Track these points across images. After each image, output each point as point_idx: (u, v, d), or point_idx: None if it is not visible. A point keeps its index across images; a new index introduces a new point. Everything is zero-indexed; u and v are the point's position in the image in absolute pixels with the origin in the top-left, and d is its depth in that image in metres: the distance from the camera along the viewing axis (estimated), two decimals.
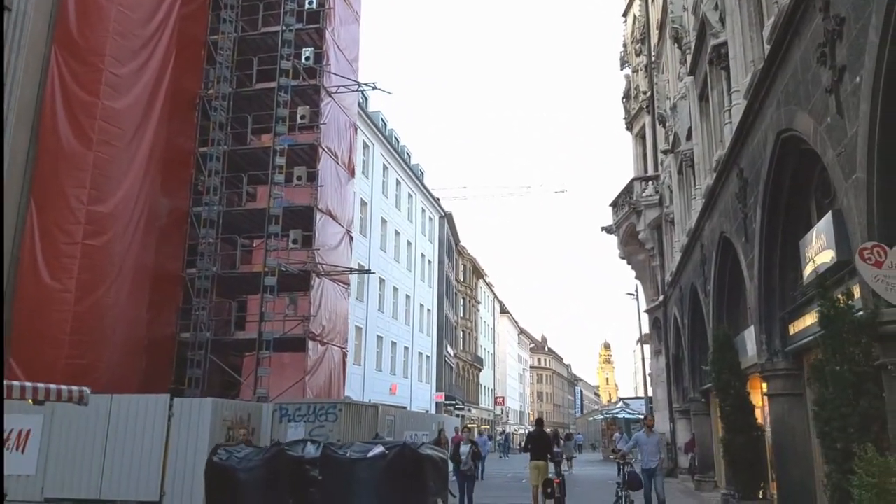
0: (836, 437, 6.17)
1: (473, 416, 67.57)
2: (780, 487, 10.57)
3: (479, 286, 72.07)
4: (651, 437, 13.13)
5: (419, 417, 25.28)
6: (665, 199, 23.06)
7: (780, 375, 10.69)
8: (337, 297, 22.88)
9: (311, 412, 17.01)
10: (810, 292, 9.65)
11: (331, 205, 22.54)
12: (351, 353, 34.58)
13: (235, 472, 8.33)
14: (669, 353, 25.34)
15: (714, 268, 14.82)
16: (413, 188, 46.35)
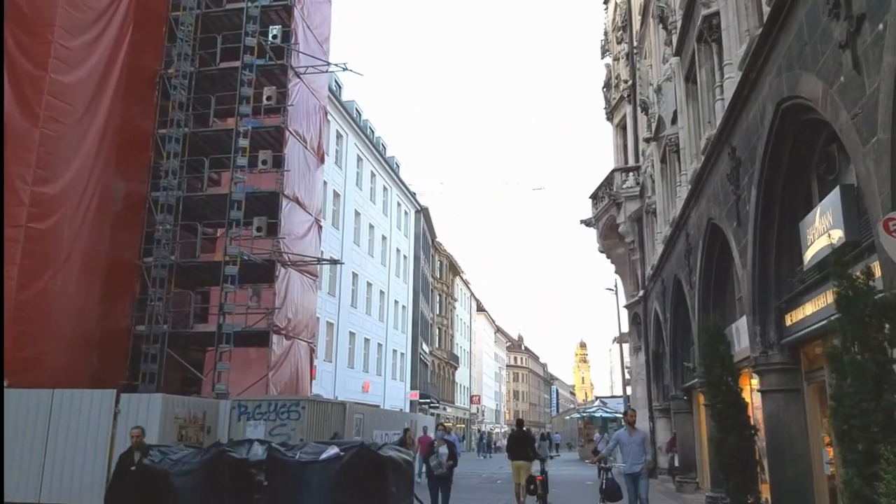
0: (857, 436, 5.30)
1: (449, 414, 66.59)
2: (774, 490, 9.75)
3: (456, 283, 71.16)
4: (634, 436, 11.00)
5: (391, 416, 24.29)
6: (647, 189, 22.29)
7: (775, 370, 9.87)
8: (304, 290, 21.77)
9: (272, 410, 15.96)
10: (810, 278, 8.84)
11: (298, 191, 21.42)
12: (322, 350, 33.50)
13: (168, 477, 7.27)
14: (649, 349, 24.59)
15: (701, 257, 14.01)
16: (388, 181, 45.25)
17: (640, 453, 10.81)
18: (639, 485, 10.69)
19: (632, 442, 10.93)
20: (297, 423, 15.70)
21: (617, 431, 12.49)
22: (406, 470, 8.24)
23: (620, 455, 11.28)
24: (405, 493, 8.17)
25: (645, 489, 10.78)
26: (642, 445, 10.90)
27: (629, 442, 10.95)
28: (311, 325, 22.47)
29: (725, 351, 9.97)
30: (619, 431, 11.93)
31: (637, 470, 10.69)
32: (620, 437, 11.25)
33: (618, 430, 12.75)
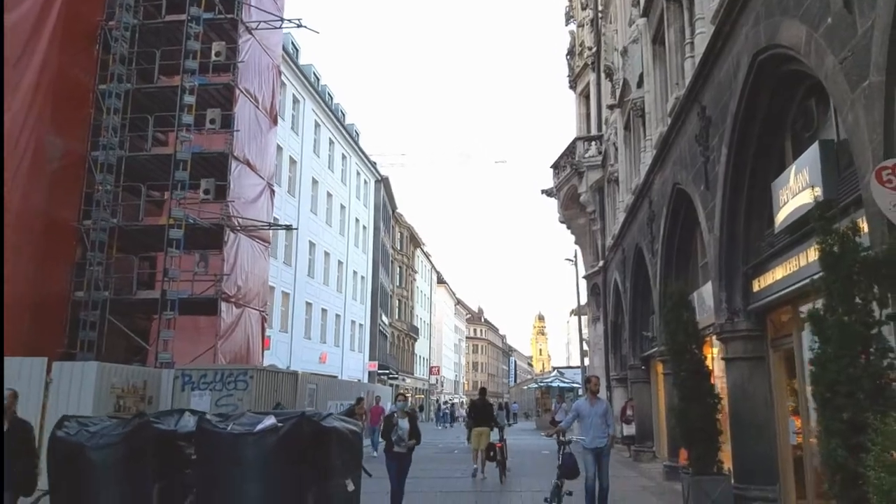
0: (843, 404, 4.86)
1: (408, 385, 66.34)
2: (736, 460, 9.46)
3: (417, 255, 70.52)
4: (596, 406, 9.59)
5: (347, 386, 23.69)
6: (609, 157, 21.87)
7: (740, 337, 9.52)
8: (255, 256, 20.86)
9: (218, 379, 15.20)
10: (781, 241, 8.44)
11: (249, 153, 20.40)
12: (277, 320, 32.63)
13: (84, 451, 6.52)
14: (608, 319, 24.43)
15: (664, 224, 13.62)
16: (347, 149, 44.10)
17: (603, 426, 9.48)
18: (601, 462, 9.39)
19: (593, 413, 9.51)
20: (245, 394, 14.99)
21: (577, 401, 10.74)
22: (353, 442, 7.61)
23: (579, 428, 9.95)
24: (352, 465, 7.55)
25: (607, 468, 9.47)
26: (605, 417, 9.56)
27: (590, 413, 9.53)
28: (262, 293, 21.61)
29: (690, 318, 9.59)
30: (578, 401, 10.46)
31: (600, 445, 9.39)
32: (580, 408, 9.78)
33: (577, 399, 10.91)
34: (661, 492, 12.35)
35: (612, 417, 10.20)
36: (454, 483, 14.08)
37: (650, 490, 12.60)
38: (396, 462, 9.63)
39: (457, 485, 13.82)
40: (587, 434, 9.50)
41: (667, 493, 11.99)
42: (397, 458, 9.62)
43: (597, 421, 9.48)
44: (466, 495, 12.29)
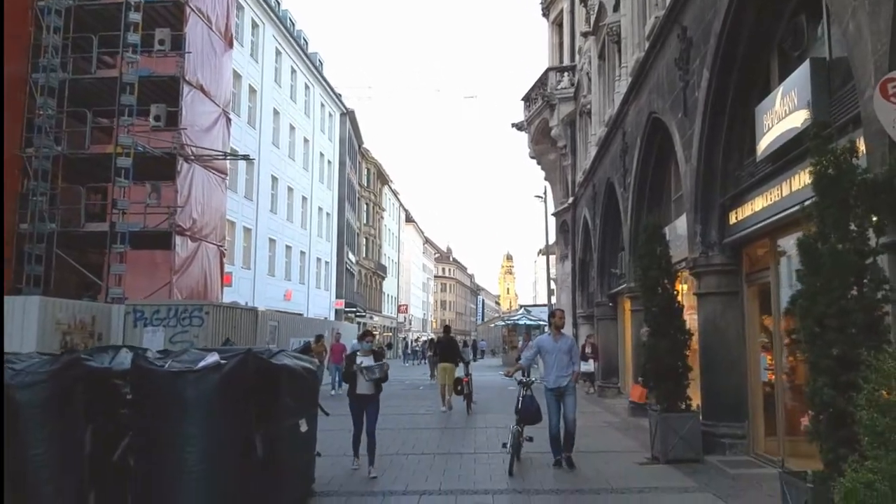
0: (833, 339, 4.47)
1: (376, 323, 66.37)
2: (706, 397, 9.25)
3: (384, 192, 69.46)
4: (560, 342, 8.69)
5: (310, 323, 23.25)
6: (583, 87, 21.13)
7: (714, 271, 9.17)
8: (211, 188, 19.97)
9: (172, 315, 14.63)
10: (762, 170, 7.99)
11: (202, 78, 19.25)
12: (239, 256, 31.82)
13: (8, 390, 5.90)
14: (576, 257, 24.17)
15: (638, 155, 13.11)
16: (311, 79, 42.43)
17: (568, 364, 8.58)
18: (565, 403, 8.49)
19: (557, 350, 8.60)
20: (201, 330, 14.47)
21: (539, 337, 9.60)
22: (307, 380, 7.11)
23: (542, 365, 9.16)
24: (306, 404, 7.08)
25: (572, 408, 8.53)
26: (570, 354, 8.68)
27: (554, 349, 8.63)
28: (220, 226, 20.81)
29: (664, 252, 9.19)
30: (541, 337, 9.36)
31: (563, 384, 8.49)
32: (543, 344, 8.84)
33: (542, 335, 9.76)
34: (625, 427, 12.23)
35: (577, 354, 9.28)
36: (420, 419, 13.85)
37: (615, 426, 12.49)
38: (361, 404, 8.55)
39: (422, 421, 13.59)
40: (549, 373, 8.66)
41: (632, 429, 11.87)
42: (362, 401, 8.52)
43: (561, 358, 8.58)
44: (431, 432, 12.04)
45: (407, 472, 8.60)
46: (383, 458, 9.51)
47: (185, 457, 5.86)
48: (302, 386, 6.92)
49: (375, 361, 8.57)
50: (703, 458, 8.61)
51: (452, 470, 8.66)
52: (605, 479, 7.95)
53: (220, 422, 5.91)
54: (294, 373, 6.76)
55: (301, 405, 6.88)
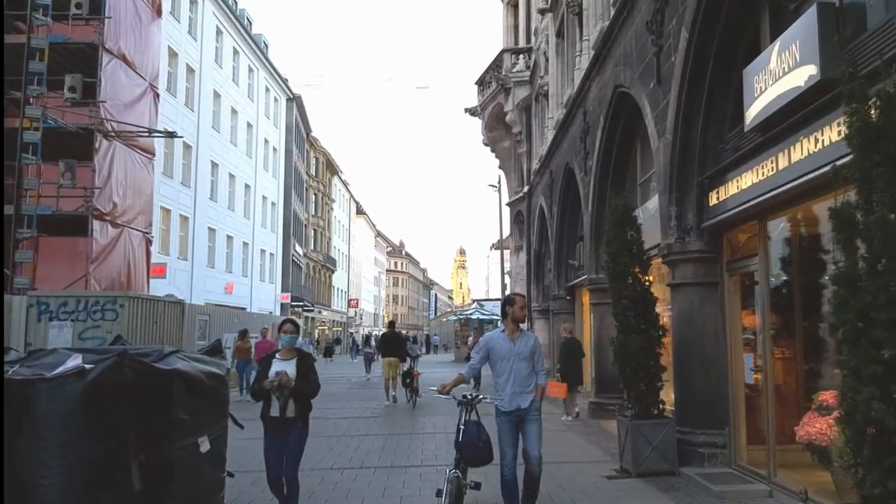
0: (882, 338, 3.38)
1: (325, 318, 64.60)
2: (680, 400, 8.22)
3: (334, 183, 67.56)
4: (519, 343, 5.85)
5: (247, 318, 21.62)
6: (540, 67, 20.06)
7: (691, 259, 8.13)
8: (135, 169, 18.19)
9: (82, 308, 13.00)
10: (750, 142, 6.95)
11: (125, 47, 17.46)
12: (175, 246, 29.87)
13: None
14: (531, 248, 23.18)
15: (601, 135, 12.06)
16: (255, 61, 40.42)
17: (529, 375, 5.79)
18: (526, 432, 5.78)
19: (514, 354, 5.78)
20: (115, 325, 12.89)
21: (489, 334, 6.24)
22: (211, 387, 5.77)
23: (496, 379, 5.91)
24: (209, 418, 5.75)
25: (536, 441, 5.77)
26: (532, 360, 5.83)
27: (509, 354, 5.79)
28: (146, 211, 19.03)
29: (635, 237, 8.12)
30: (490, 334, 6.20)
31: (523, 405, 5.72)
32: (493, 345, 5.91)
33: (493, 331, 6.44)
34: (586, 431, 11.18)
35: (543, 358, 6.09)
36: (362, 424, 12.55)
37: (575, 429, 11.42)
38: (275, 436, 5.80)
39: (364, 426, 12.29)
40: (503, 388, 5.77)
41: (594, 433, 10.82)
42: (276, 430, 5.75)
43: (520, 367, 5.75)
44: (374, 440, 10.76)
45: (339, 494, 7.33)
46: (314, 472, 8.23)
47: (36, 494, 4.47)
48: (204, 395, 5.55)
49: (300, 366, 5.76)
50: (678, 471, 7.58)
51: (394, 490, 7.42)
52: (570, 499, 6.82)
53: (83, 444, 4.53)
54: (191, 379, 5.39)
55: (201, 420, 5.51)
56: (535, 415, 5.81)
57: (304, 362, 5.93)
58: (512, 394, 5.77)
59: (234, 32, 36.55)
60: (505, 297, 5.87)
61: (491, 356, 5.92)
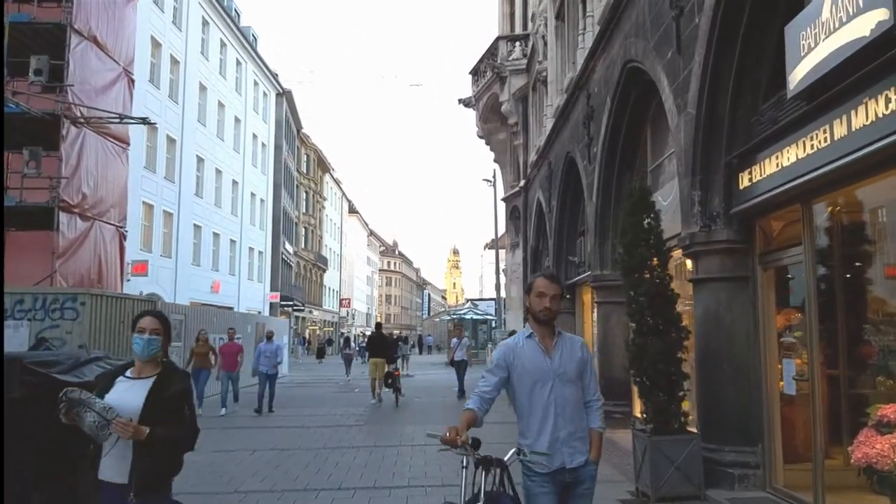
0: None
1: (316, 318, 63.45)
2: (704, 413, 7.18)
3: (325, 181, 66.40)
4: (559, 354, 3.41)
5: (229, 318, 20.48)
6: (538, 52, 18.99)
7: (717, 251, 7.08)
8: (108, 158, 17.06)
9: (40, 307, 11.92)
10: (792, 112, 5.92)
11: (97, 29, 16.34)
12: (158, 243, 28.70)
13: None
14: (528, 245, 22.13)
15: (608, 118, 11.02)
16: (243, 54, 39.24)
17: (578, 409, 3.43)
18: None
19: (551, 374, 3.38)
20: (76, 325, 11.80)
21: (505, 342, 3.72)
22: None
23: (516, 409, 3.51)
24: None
25: None
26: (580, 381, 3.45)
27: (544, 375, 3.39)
28: (120, 204, 17.89)
29: (653, 225, 7.10)
30: (508, 341, 3.66)
31: (574, 463, 3.34)
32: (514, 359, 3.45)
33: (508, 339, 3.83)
34: None
35: (596, 376, 3.66)
36: (344, 434, 11.49)
37: None
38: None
39: (347, 436, 11.23)
40: (536, 431, 3.38)
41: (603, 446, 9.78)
42: None
43: (563, 395, 3.39)
44: (356, 453, 9.70)
45: None
46: (285, 495, 7.17)
47: None
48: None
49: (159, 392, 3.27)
50: (704, 494, 6.54)
51: None
52: None
53: None
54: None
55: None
56: (589, 484, 3.43)
57: (167, 384, 3.31)
58: (552, 442, 3.30)
59: (220, 24, 35.39)
60: (527, 285, 3.56)
61: (513, 378, 3.42)
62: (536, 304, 3.45)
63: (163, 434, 3.14)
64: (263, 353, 14.82)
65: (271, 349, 14.94)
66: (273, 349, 14.98)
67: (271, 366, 14.60)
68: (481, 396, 3.42)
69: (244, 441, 10.72)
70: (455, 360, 18.21)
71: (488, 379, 3.47)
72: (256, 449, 9.95)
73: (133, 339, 3.40)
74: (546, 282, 3.47)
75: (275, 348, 15.08)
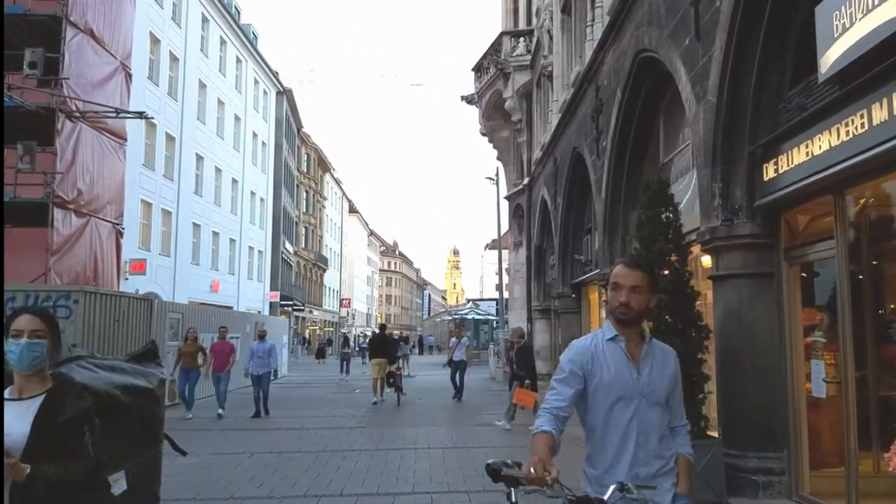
0: None
1: (316, 317, 63.11)
2: (725, 418, 6.83)
3: (326, 180, 66.05)
4: (649, 366, 2.63)
5: (227, 317, 20.14)
6: (543, 47, 18.64)
7: (739, 246, 6.74)
8: (104, 154, 16.70)
9: (32, 304, 11.43)
10: (823, 98, 5.58)
11: (94, 22, 16.00)
12: (157, 242, 28.38)
13: None
14: (532, 244, 21.80)
15: (618, 111, 10.68)
16: (243, 52, 38.89)
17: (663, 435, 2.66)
18: None
19: (636, 391, 2.59)
20: (69, 323, 11.43)
21: (579, 343, 2.72)
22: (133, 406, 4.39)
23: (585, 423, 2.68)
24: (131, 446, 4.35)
25: None
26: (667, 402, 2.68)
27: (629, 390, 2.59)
28: (117, 200, 17.53)
29: (672, 219, 6.76)
30: (584, 343, 2.70)
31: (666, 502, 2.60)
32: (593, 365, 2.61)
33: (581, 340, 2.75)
34: None
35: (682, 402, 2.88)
36: (345, 437, 11.14)
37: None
38: None
39: (348, 439, 10.88)
40: (612, 457, 2.60)
41: None
42: None
43: (649, 418, 2.61)
44: (358, 456, 9.34)
45: None
46: (284, 501, 6.82)
47: None
48: (117, 417, 4.13)
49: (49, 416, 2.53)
50: (727, 502, 6.20)
51: None
52: None
53: None
54: (104, 398, 3.97)
55: (114, 450, 4.09)
56: None
57: (60, 405, 2.62)
58: (632, 471, 2.59)
59: (220, 21, 35.05)
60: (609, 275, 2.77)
61: (589, 387, 2.63)
62: (612, 299, 2.68)
63: (53, 476, 2.37)
64: (255, 354, 14.00)
65: (264, 349, 14.07)
66: (266, 349, 14.10)
67: (262, 366, 13.72)
68: (555, 414, 2.56)
69: (241, 443, 10.38)
70: (453, 361, 17.44)
71: (561, 391, 2.61)
72: (254, 452, 9.61)
73: (7, 347, 2.54)
74: (624, 269, 2.66)
75: (268, 348, 14.15)
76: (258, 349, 14.09)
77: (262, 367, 13.77)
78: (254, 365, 13.82)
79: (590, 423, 2.67)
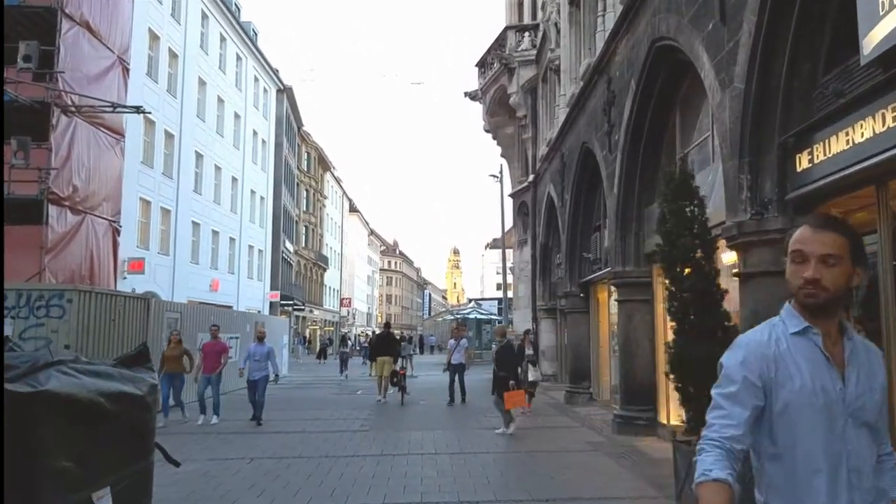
0: None
1: (316, 317, 62.72)
2: None
3: (326, 179, 65.67)
4: (855, 369, 1.84)
5: (225, 316, 19.74)
6: (549, 41, 18.24)
7: (770, 241, 6.34)
8: (101, 150, 16.32)
9: (24, 304, 11.17)
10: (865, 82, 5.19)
11: (90, 14, 15.62)
12: (155, 240, 27.99)
13: None
14: (537, 242, 21.41)
15: (632, 102, 10.29)
16: (243, 50, 38.50)
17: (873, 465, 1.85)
18: None
19: (840, 405, 1.79)
20: (62, 323, 11.07)
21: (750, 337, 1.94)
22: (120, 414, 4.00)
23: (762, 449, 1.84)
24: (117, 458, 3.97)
25: None
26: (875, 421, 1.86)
27: (831, 403, 1.78)
28: (114, 197, 17.14)
29: (697, 212, 6.37)
30: (760, 336, 1.90)
31: None
32: (777, 369, 1.81)
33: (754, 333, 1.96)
34: (617, 452, 9.39)
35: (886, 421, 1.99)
36: (346, 440, 10.75)
37: (603, 449, 9.62)
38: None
39: (349, 443, 10.49)
40: (809, 493, 1.78)
41: (628, 456, 9.03)
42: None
43: (858, 441, 1.82)
44: (359, 462, 8.96)
45: None
46: None
47: None
48: (101, 427, 3.75)
49: None
50: None
51: None
52: None
53: None
54: (77, 406, 3.58)
55: (98, 464, 3.71)
56: None
57: None
58: None
59: (220, 18, 34.66)
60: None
61: (774, 404, 1.81)
62: (793, 275, 1.88)
63: None
64: (252, 357, 12.80)
65: (261, 352, 12.78)
66: (264, 352, 12.80)
67: (258, 370, 12.60)
68: (728, 449, 1.75)
69: (241, 448, 9.99)
70: (452, 364, 15.93)
71: (732, 413, 1.79)
72: (254, 457, 9.22)
73: None
74: (810, 232, 1.85)
75: (266, 351, 12.85)
76: (255, 352, 12.85)
77: (258, 372, 12.62)
78: (250, 369, 12.81)
79: (770, 451, 1.84)
